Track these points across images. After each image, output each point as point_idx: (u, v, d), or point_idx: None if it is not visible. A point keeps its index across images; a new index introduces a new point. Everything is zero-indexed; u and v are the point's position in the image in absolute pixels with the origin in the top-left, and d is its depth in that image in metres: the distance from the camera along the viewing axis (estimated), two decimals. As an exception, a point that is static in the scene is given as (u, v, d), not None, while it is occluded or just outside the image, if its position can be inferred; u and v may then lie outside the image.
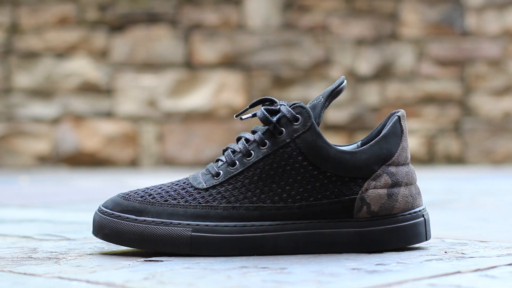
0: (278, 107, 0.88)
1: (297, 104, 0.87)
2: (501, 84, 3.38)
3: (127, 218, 0.86)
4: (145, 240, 0.85)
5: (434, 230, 1.07)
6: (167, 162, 3.27)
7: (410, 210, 0.88)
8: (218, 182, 0.87)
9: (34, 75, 3.26)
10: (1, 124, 3.25)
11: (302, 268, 0.77)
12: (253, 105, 0.89)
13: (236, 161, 0.88)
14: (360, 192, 0.86)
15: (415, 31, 3.35)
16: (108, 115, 3.27)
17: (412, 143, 3.33)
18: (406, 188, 0.88)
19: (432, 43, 3.36)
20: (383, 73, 3.34)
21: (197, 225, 0.85)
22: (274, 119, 0.87)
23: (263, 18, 3.30)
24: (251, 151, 0.87)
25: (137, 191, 0.89)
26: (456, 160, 3.36)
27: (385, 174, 0.87)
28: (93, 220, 0.88)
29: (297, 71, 3.30)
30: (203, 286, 0.68)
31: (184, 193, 0.87)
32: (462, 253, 0.85)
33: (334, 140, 3.29)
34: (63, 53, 3.26)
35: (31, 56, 3.26)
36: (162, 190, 0.88)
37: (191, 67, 3.28)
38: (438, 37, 3.36)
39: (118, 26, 3.27)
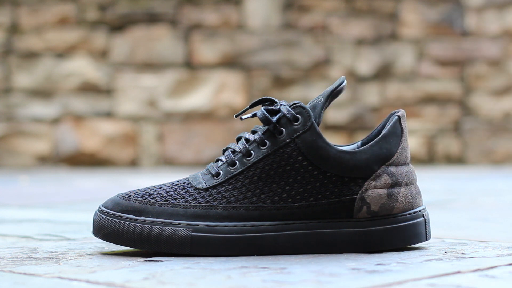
0: (278, 107, 0.88)
1: (297, 104, 0.87)
2: (501, 84, 3.38)
3: (127, 218, 0.86)
4: (145, 240, 0.85)
5: (434, 230, 1.07)
6: (167, 162, 3.27)
7: (410, 210, 0.88)
8: (218, 182, 0.87)
9: (34, 75, 3.26)
10: (1, 124, 3.25)
11: (302, 268, 0.77)
12: (253, 105, 0.89)
13: (236, 161, 0.88)
14: (360, 192, 0.86)
15: (415, 31, 3.35)
16: (108, 115, 3.27)
17: (412, 143, 3.33)
18: (406, 188, 0.88)
19: (432, 43, 3.36)
20: (383, 73, 3.34)
21: (197, 225, 0.85)
22: (274, 119, 0.87)
23: (263, 18, 3.30)
24: (251, 151, 0.87)
25: (137, 191, 0.89)
26: (456, 160, 3.36)
27: (385, 174, 0.87)
28: (93, 220, 0.88)
29: (297, 71, 3.30)
30: (203, 286, 0.68)
31: (184, 193, 0.87)
32: (462, 253, 0.85)
33: (334, 140, 3.29)
34: (63, 53, 3.26)
35: (31, 56, 3.26)
36: (162, 190, 0.88)
37: (191, 67, 3.28)
38: (438, 37, 3.36)
39: (118, 26, 3.27)
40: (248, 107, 0.89)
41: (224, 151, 0.90)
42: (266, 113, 0.87)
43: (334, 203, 0.86)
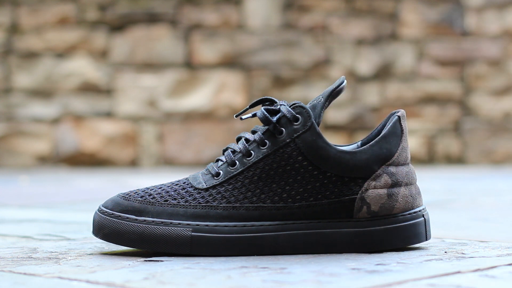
0: (278, 107, 0.88)
1: (297, 104, 0.87)
2: (501, 84, 3.38)
3: (127, 218, 0.86)
4: (145, 240, 0.85)
5: (434, 230, 1.07)
6: (167, 162, 3.26)
7: (410, 210, 0.88)
8: (218, 182, 0.87)
9: (34, 75, 3.26)
10: (1, 124, 3.25)
11: (302, 268, 0.77)
12: (253, 105, 0.89)
13: (236, 161, 0.88)
14: (360, 192, 0.86)
15: (415, 31, 3.35)
16: (108, 115, 3.27)
17: (412, 143, 3.33)
18: (406, 188, 0.88)
19: (432, 43, 3.36)
20: (383, 73, 3.34)
21: (197, 225, 0.85)
22: (274, 119, 0.87)
23: (263, 18, 3.29)
24: (251, 151, 0.87)
25: (137, 191, 0.89)
26: (456, 160, 3.36)
27: (385, 174, 0.87)
28: (93, 220, 0.88)
29: (297, 71, 3.30)
30: (203, 286, 0.68)
31: (184, 193, 0.87)
32: (462, 253, 0.85)
33: (334, 140, 3.29)
34: (63, 53, 3.26)
35: (31, 56, 3.26)
36: (162, 190, 0.88)
37: (191, 67, 3.28)
38: (438, 37, 3.36)
39: (118, 26, 3.27)
40: (248, 107, 0.89)
41: (224, 151, 0.90)
42: (266, 113, 0.87)
43: (334, 203, 0.86)
